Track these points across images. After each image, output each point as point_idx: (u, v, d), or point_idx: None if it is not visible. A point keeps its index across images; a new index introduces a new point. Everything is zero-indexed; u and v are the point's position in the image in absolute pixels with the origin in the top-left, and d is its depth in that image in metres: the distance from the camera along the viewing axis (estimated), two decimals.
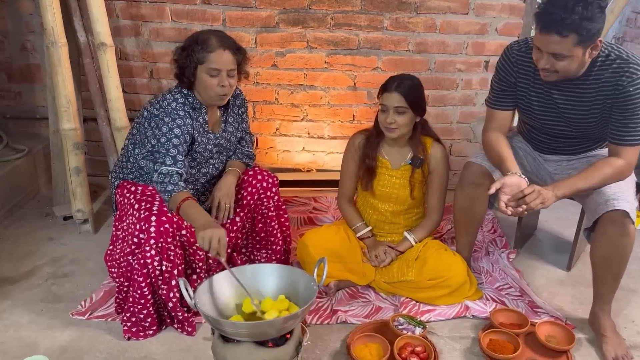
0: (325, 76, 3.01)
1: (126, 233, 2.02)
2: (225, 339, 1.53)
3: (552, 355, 1.88)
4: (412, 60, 2.97)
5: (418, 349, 1.83)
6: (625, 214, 1.78)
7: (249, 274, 1.66)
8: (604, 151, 2.05)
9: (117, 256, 2.07)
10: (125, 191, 2.05)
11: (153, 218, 1.85)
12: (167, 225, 1.86)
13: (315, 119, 3.11)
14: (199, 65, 1.91)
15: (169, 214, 1.88)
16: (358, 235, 2.30)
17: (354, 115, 3.11)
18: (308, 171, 3.20)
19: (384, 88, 2.15)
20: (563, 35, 1.68)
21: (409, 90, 2.11)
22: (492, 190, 1.79)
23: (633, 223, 1.81)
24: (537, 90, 1.97)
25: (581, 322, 2.07)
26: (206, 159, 2.08)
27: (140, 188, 2.03)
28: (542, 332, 1.93)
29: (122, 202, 2.05)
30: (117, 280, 2.05)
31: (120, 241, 2.07)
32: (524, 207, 1.74)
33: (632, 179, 1.95)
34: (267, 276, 1.67)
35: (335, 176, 3.10)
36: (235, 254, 2.22)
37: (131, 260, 1.94)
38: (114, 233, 2.14)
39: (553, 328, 1.97)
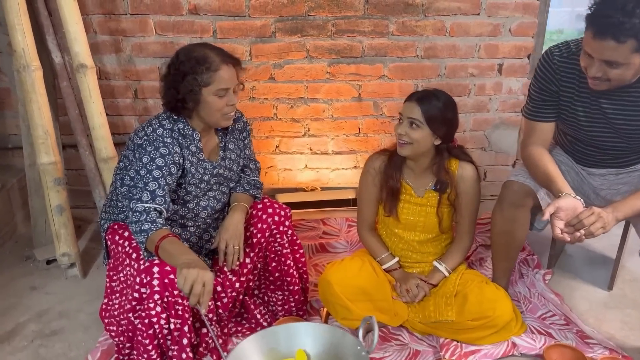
0: (327, 87, 2.76)
1: (124, 286, 1.75)
2: None
3: None
4: (421, 67, 2.75)
5: None
6: None
7: (282, 335, 1.41)
8: None
9: (115, 312, 1.79)
10: (117, 237, 1.77)
11: (155, 269, 1.58)
12: (171, 276, 1.58)
13: (318, 134, 2.86)
14: (204, 88, 1.66)
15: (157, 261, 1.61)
16: (384, 267, 2.06)
17: (359, 128, 2.87)
18: (312, 190, 2.95)
19: (407, 98, 1.94)
20: (620, 42, 1.48)
21: (430, 104, 1.86)
22: (547, 216, 1.57)
23: None
24: (583, 99, 1.76)
25: (636, 353, 1.87)
26: (204, 192, 1.81)
27: None
28: None
29: (116, 250, 1.78)
30: (117, 339, 1.78)
31: (117, 294, 1.80)
32: (582, 232, 1.53)
33: None
34: (304, 337, 1.42)
35: (343, 195, 2.91)
36: (247, 297, 1.96)
37: (132, 319, 1.67)
38: (108, 285, 1.86)
39: None
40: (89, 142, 2.40)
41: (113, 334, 1.80)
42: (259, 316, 1.97)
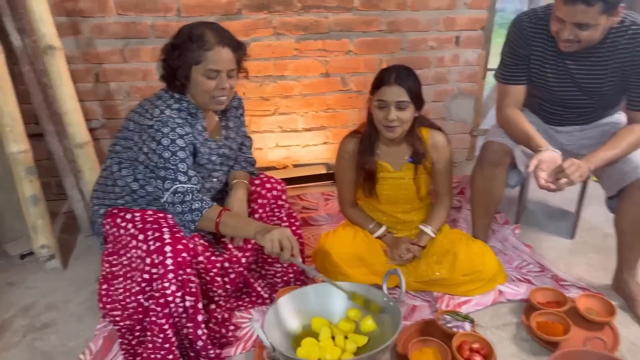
0: (295, 64, 2.79)
1: (129, 269, 1.72)
2: None
3: (595, 328, 1.87)
4: (384, 41, 2.83)
5: (475, 345, 1.73)
6: None
7: (312, 296, 1.46)
8: (613, 118, 2.07)
9: (120, 297, 1.75)
10: (119, 220, 1.73)
11: (168, 248, 1.58)
12: (184, 254, 1.59)
13: (288, 112, 2.89)
14: (194, 66, 1.63)
15: (184, 241, 1.61)
16: (375, 235, 2.14)
17: (328, 104, 2.92)
18: (284, 168, 2.98)
19: (381, 81, 1.91)
20: (590, 4, 1.63)
21: (410, 81, 1.90)
22: (532, 168, 1.72)
23: None
24: (551, 61, 1.92)
25: (603, 289, 2.09)
26: (209, 172, 1.81)
27: (137, 214, 1.72)
28: (581, 307, 1.91)
29: (117, 234, 1.74)
30: (123, 324, 1.75)
31: (120, 279, 1.76)
32: (565, 180, 1.68)
33: None
34: (333, 296, 1.47)
35: (315, 170, 2.97)
36: (246, 272, 1.98)
37: (142, 301, 1.65)
38: (107, 270, 1.81)
39: (589, 300, 1.96)
40: (56, 130, 2.29)
41: (118, 318, 1.77)
42: (259, 289, 2.00)
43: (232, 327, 1.86)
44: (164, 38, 2.53)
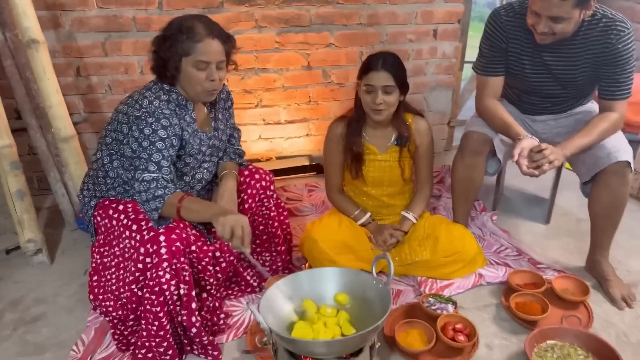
0: (277, 57, 2.82)
1: (121, 259, 1.75)
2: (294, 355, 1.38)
3: (571, 307, 1.97)
4: (365, 34, 2.89)
5: (459, 326, 1.81)
6: (627, 164, 1.89)
7: (305, 281, 1.51)
8: (586, 107, 2.17)
9: (112, 287, 1.77)
10: (111, 211, 1.75)
11: (162, 237, 1.60)
12: (178, 244, 1.62)
13: (270, 104, 2.92)
14: (184, 58, 1.65)
15: (177, 231, 1.64)
16: (359, 223, 2.20)
17: (310, 97, 2.97)
18: (267, 160, 3.01)
19: (368, 67, 1.99)
20: None
21: (396, 67, 1.99)
22: (516, 157, 1.79)
23: (632, 171, 1.93)
24: (528, 53, 2.00)
25: (577, 271, 2.19)
26: (199, 163, 1.84)
27: (129, 205, 1.74)
28: (557, 287, 2.01)
29: (109, 225, 1.76)
30: (115, 314, 1.77)
31: (113, 269, 1.78)
32: (546, 163, 1.76)
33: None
34: (325, 281, 1.53)
35: (298, 162, 3.01)
36: (236, 261, 2.02)
37: (136, 290, 1.68)
38: (98, 261, 1.83)
39: (564, 281, 2.06)
40: (39, 124, 2.29)
41: (110, 309, 1.78)
42: (248, 277, 2.04)
43: (222, 315, 1.90)
44: (146, 31, 2.59)
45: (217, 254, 1.84)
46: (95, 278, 1.84)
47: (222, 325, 1.87)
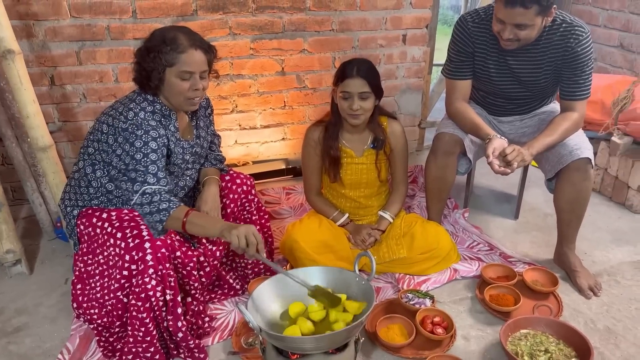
0: (252, 63, 2.87)
1: (106, 267, 1.76)
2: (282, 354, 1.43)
3: (542, 297, 2.07)
4: (337, 40, 2.96)
5: (437, 319, 1.89)
6: (588, 161, 2.01)
7: (290, 280, 1.56)
8: (549, 107, 2.28)
9: (97, 295, 1.78)
10: (95, 220, 1.77)
11: (147, 245, 1.63)
12: (163, 250, 1.65)
13: (246, 109, 2.97)
14: (168, 68, 1.69)
15: (162, 237, 1.68)
16: (337, 224, 2.27)
17: (285, 102, 3.02)
18: (244, 165, 3.05)
19: (344, 74, 2.06)
20: (527, 7, 1.82)
21: (370, 73, 2.07)
22: (491, 158, 1.88)
23: (593, 167, 2.05)
24: (494, 58, 2.10)
25: (546, 263, 2.31)
26: (183, 171, 1.87)
27: (113, 213, 1.76)
28: (528, 279, 2.11)
29: (92, 233, 1.77)
30: (100, 321, 1.78)
31: (97, 277, 1.79)
32: (516, 163, 1.86)
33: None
34: (310, 280, 1.58)
35: (274, 166, 3.06)
36: (219, 264, 2.06)
37: (122, 297, 1.70)
38: (82, 270, 1.84)
39: (534, 274, 2.16)
40: (15, 134, 2.28)
41: (95, 316, 1.79)
42: (231, 281, 2.08)
43: (207, 319, 1.94)
44: (120, 40, 2.61)
45: (201, 258, 1.87)
46: (79, 286, 1.85)
47: (207, 329, 1.91)
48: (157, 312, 1.67)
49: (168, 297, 1.67)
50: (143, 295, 1.63)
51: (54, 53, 2.55)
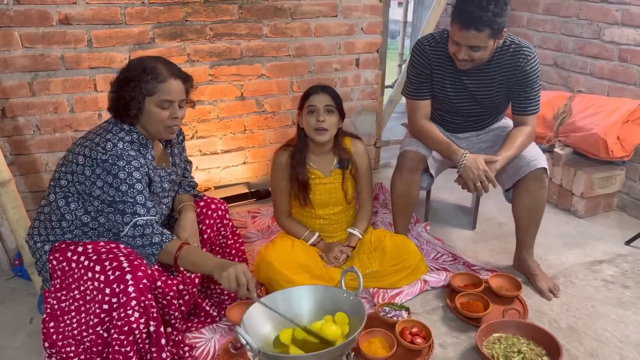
0: (211, 89, 2.88)
1: (82, 302, 1.71)
2: None
3: (508, 302, 2.19)
4: (294, 65, 3.03)
5: (414, 329, 1.95)
6: (544, 170, 2.16)
7: (280, 300, 1.58)
8: (502, 122, 2.45)
9: (74, 332, 1.72)
10: (70, 254, 1.72)
11: (128, 276, 1.61)
12: (145, 281, 1.64)
13: (206, 135, 2.97)
14: (148, 97, 1.70)
15: (142, 268, 1.65)
16: (309, 243, 2.31)
17: (245, 126, 3.04)
18: (206, 190, 3.03)
19: (309, 93, 2.21)
20: (480, 31, 1.96)
21: (334, 92, 2.22)
22: (482, 177, 2.05)
23: (547, 177, 2.20)
24: (450, 78, 2.23)
25: (506, 269, 2.44)
26: (160, 199, 1.86)
27: (89, 246, 1.72)
28: (494, 285, 2.23)
29: (67, 268, 1.72)
30: (77, 359, 1.72)
31: (73, 313, 1.73)
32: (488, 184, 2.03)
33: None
34: (298, 300, 1.61)
35: (237, 190, 3.07)
36: (197, 291, 2.04)
37: (101, 332, 1.65)
38: (55, 306, 1.78)
39: (499, 280, 2.28)
40: None
41: (72, 354, 1.73)
42: (207, 308, 2.06)
43: (187, 348, 1.91)
44: (75, 69, 2.56)
45: (181, 287, 1.85)
46: (51, 324, 1.78)
47: (189, 358, 1.88)
48: (141, 345, 1.64)
49: (152, 329, 1.65)
50: (126, 328, 1.60)
51: (5, 85, 2.46)
